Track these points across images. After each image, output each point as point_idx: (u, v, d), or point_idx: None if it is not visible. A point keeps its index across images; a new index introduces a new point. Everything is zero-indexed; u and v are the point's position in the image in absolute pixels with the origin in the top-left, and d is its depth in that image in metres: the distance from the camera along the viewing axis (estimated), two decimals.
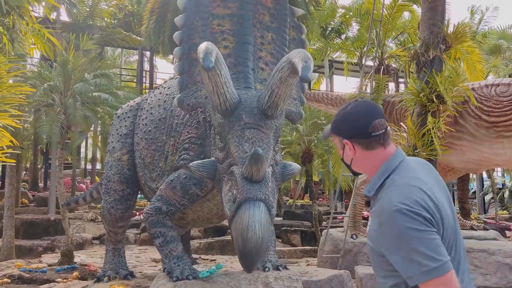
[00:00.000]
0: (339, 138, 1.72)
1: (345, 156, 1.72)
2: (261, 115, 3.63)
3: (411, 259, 1.40)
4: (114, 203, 5.72)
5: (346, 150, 1.69)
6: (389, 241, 1.47)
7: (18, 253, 9.13)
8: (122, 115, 6.00)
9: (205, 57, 2.74)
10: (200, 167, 3.84)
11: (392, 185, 1.55)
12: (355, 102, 1.77)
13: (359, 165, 1.71)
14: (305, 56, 3.03)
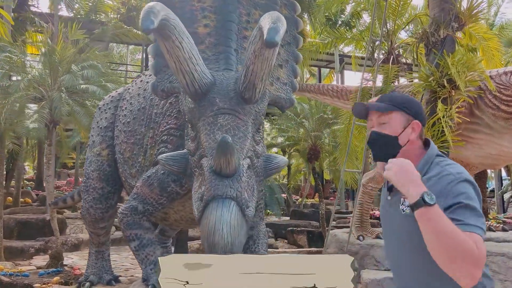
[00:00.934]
0: (407, 116, 1.74)
1: (403, 136, 1.72)
2: (238, 99, 3.11)
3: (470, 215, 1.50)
4: (93, 202, 5.27)
5: (408, 130, 1.72)
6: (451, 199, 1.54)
7: (9, 254, 8.75)
8: (103, 107, 5.54)
9: (145, 16, 2.21)
10: (169, 160, 3.33)
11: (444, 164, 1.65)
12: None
13: (409, 149, 1.72)
14: (275, 17, 2.49)
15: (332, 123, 10.47)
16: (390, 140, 1.73)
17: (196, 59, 2.84)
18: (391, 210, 1.77)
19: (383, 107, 1.75)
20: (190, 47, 2.74)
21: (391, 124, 1.74)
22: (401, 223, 1.70)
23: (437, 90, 4.43)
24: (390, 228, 1.81)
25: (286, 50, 4.21)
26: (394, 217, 1.74)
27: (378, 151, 1.78)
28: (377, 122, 1.76)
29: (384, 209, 1.86)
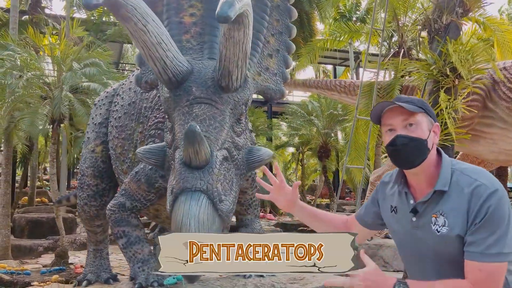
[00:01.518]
0: (430, 119, 1.63)
1: (430, 139, 1.60)
2: (216, 88, 2.95)
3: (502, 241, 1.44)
4: (87, 200, 5.18)
5: (432, 135, 1.62)
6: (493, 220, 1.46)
7: (17, 253, 8.79)
8: (98, 103, 5.46)
9: None
10: (147, 153, 3.20)
11: (468, 172, 1.54)
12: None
13: (432, 153, 1.61)
14: None
15: (342, 120, 10.20)
16: (420, 144, 1.57)
17: (167, 44, 2.69)
18: (418, 232, 1.62)
19: (412, 107, 1.57)
20: (158, 31, 2.59)
21: (419, 126, 1.58)
22: (435, 244, 1.58)
23: (439, 79, 4.17)
24: (418, 250, 1.65)
25: (277, 39, 4.04)
26: (424, 239, 1.61)
27: (406, 157, 1.58)
28: (402, 125, 1.58)
29: (404, 230, 1.68)
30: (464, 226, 1.50)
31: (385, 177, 1.86)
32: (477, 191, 1.49)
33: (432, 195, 1.57)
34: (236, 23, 2.43)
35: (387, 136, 1.63)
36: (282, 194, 1.86)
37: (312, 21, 11.68)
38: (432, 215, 1.57)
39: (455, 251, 1.53)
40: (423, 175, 1.61)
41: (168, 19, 3.74)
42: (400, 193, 1.71)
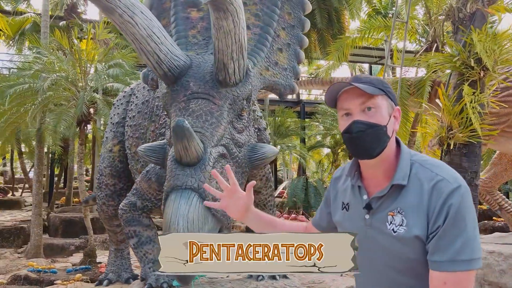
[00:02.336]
0: (390, 102, 1.42)
1: (390, 126, 1.40)
2: (214, 83, 2.84)
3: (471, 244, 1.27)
4: (105, 199, 5.20)
5: (392, 120, 1.42)
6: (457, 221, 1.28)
7: (50, 251, 9.04)
8: (116, 102, 5.48)
9: None
10: (148, 151, 3.13)
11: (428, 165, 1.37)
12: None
13: (392, 141, 1.43)
14: None
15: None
16: (379, 131, 1.37)
17: (159, 38, 2.60)
18: (371, 232, 1.42)
19: (371, 89, 1.37)
20: (148, 24, 2.50)
21: (379, 110, 1.38)
22: (390, 246, 1.38)
23: (463, 72, 3.89)
24: (370, 254, 1.44)
25: (288, 33, 3.91)
26: (377, 239, 1.41)
27: (364, 146, 1.39)
28: (360, 109, 1.38)
29: (355, 229, 1.45)
30: (424, 226, 1.31)
31: (337, 172, 1.66)
32: (438, 187, 1.31)
33: (389, 189, 1.38)
34: (220, 10, 2.31)
35: (342, 121, 1.43)
36: (234, 199, 1.64)
37: (341, 18, 11.38)
38: (388, 212, 1.38)
39: (413, 255, 1.34)
40: (382, 167, 1.42)
41: (176, 15, 3.67)
42: (353, 188, 1.51)
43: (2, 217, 13.47)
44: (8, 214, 14.43)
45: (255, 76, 3.33)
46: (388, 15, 18.98)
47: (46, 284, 6.13)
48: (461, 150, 4.04)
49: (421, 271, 1.34)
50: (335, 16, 11.05)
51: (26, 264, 7.16)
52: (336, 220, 1.58)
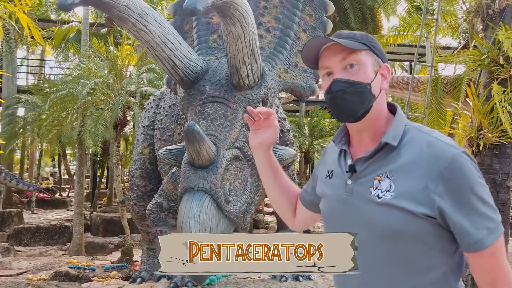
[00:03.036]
0: (376, 58, 1.29)
1: (375, 84, 1.27)
2: (229, 86, 2.90)
3: (482, 214, 1.13)
4: (137, 200, 5.37)
5: (379, 78, 1.28)
6: (457, 194, 1.13)
7: (91, 249, 9.41)
8: (147, 106, 5.66)
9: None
10: (168, 153, 3.22)
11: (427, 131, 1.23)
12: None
13: (380, 102, 1.29)
14: None
15: (412, 119, 9.65)
16: (362, 90, 1.24)
17: (174, 44, 2.68)
18: (352, 200, 1.27)
19: (351, 43, 1.25)
20: (162, 31, 2.58)
21: (362, 67, 1.26)
22: (373, 213, 1.22)
23: (493, 70, 3.75)
24: (350, 222, 1.28)
25: (310, 35, 3.92)
26: (359, 208, 1.25)
27: (346, 106, 1.25)
28: (341, 66, 1.26)
29: (335, 197, 1.33)
30: (418, 195, 1.15)
31: (329, 145, 1.53)
32: (440, 151, 1.16)
33: (376, 148, 1.23)
34: (226, 17, 2.36)
35: (324, 82, 1.30)
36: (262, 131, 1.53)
37: (376, 17, 11.17)
38: (375, 177, 1.22)
39: (399, 226, 1.17)
40: (370, 131, 1.29)
41: (197, 20, 3.76)
42: (339, 154, 1.37)
43: (49, 216, 14.14)
44: (55, 213, 15.14)
45: (273, 78, 3.36)
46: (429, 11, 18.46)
47: (85, 280, 6.40)
48: (491, 151, 3.90)
49: (407, 245, 1.18)
50: (369, 15, 10.88)
51: (68, 261, 7.49)
52: (318, 191, 1.44)
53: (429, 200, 1.14)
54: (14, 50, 12.60)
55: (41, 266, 7.94)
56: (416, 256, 1.19)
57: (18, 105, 13.84)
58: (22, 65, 22.86)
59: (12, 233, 10.41)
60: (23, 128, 14.08)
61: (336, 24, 10.62)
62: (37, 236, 10.29)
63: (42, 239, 10.29)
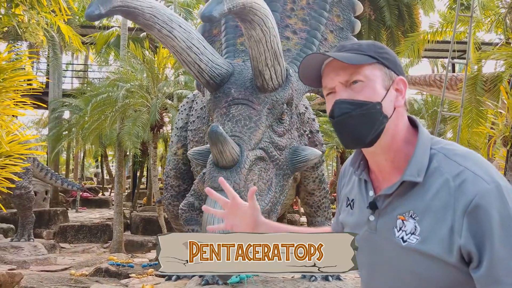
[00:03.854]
0: (387, 71, 1.11)
1: (387, 103, 1.09)
2: (254, 88, 2.97)
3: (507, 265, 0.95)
4: (171, 199, 5.53)
5: (392, 92, 1.10)
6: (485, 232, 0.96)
7: (131, 247, 9.73)
8: (180, 108, 5.82)
9: (93, 2, 2.15)
10: (196, 154, 3.33)
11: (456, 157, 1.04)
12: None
13: (396, 122, 1.11)
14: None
15: (450, 119, 9.38)
16: (370, 111, 1.07)
17: (199, 48, 2.77)
18: (376, 238, 1.15)
19: (354, 57, 1.09)
20: (187, 36, 2.67)
21: (369, 84, 1.09)
22: (398, 257, 1.10)
23: None
24: (373, 265, 1.19)
25: (337, 35, 3.92)
26: (384, 248, 1.14)
27: (351, 132, 1.10)
28: (344, 84, 1.10)
29: (359, 230, 1.21)
30: (445, 239, 1.01)
31: (347, 161, 1.37)
32: (468, 186, 0.99)
33: (398, 187, 1.08)
34: (245, 21, 2.42)
35: (328, 103, 1.14)
36: (239, 214, 1.41)
37: (414, 13, 10.94)
38: (397, 215, 1.08)
39: (427, 273, 1.04)
40: (387, 155, 1.12)
41: (226, 24, 3.85)
42: (359, 181, 1.23)
43: (92, 215, 14.71)
44: (98, 212, 15.73)
45: (299, 80, 3.40)
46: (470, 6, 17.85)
47: (124, 277, 6.63)
48: None
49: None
50: (406, 12, 10.68)
51: (108, 258, 7.79)
52: (341, 219, 1.33)
53: (455, 245, 1.00)
54: (59, 55, 13.18)
55: (84, 262, 8.30)
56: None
57: (64, 108, 14.48)
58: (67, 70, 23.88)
59: (57, 230, 10.92)
60: (68, 131, 14.71)
61: (372, 22, 10.51)
62: (80, 234, 10.75)
63: (85, 236, 10.75)
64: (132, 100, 7.54)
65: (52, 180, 10.40)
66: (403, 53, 9.28)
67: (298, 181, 4.31)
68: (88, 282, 6.14)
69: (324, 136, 12.94)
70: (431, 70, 27.14)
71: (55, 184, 10.90)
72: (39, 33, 3.72)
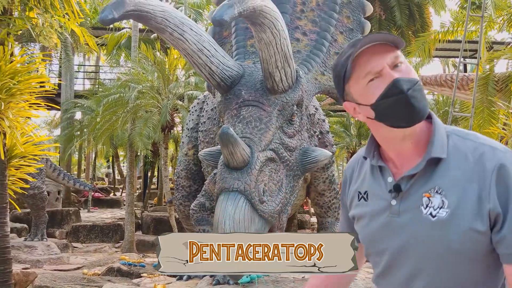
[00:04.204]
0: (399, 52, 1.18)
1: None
2: (264, 90, 2.99)
3: None
4: (182, 200, 5.57)
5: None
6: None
7: (142, 247, 9.82)
8: (191, 109, 5.86)
9: (107, 6, 2.18)
10: (207, 155, 3.35)
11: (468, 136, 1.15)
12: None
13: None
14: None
15: (461, 119, 9.32)
16: (421, 87, 1.15)
17: (209, 51, 2.79)
18: (400, 221, 1.18)
19: (398, 40, 1.16)
20: (198, 39, 2.70)
21: (408, 65, 1.18)
22: (428, 234, 1.13)
23: None
24: (399, 249, 1.20)
25: (347, 37, 3.93)
26: (410, 229, 1.16)
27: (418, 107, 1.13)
28: (391, 66, 1.15)
29: (379, 221, 1.23)
30: (475, 208, 1.07)
31: (349, 164, 1.43)
32: (489, 157, 1.08)
33: (425, 165, 1.13)
34: (256, 24, 2.44)
35: (372, 88, 1.15)
36: None
37: (424, 13, 10.88)
38: (423, 193, 1.13)
39: (459, 244, 1.09)
40: (413, 138, 1.18)
41: (236, 25, 3.88)
42: (373, 171, 1.27)
43: (104, 215, 14.86)
44: (109, 212, 15.89)
45: (309, 81, 3.41)
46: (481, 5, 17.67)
47: (135, 276, 6.70)
48: None
49: (466, 264, 1.11)
50: (416, 11, 10.62)
51: (120, 258, 7.88)
52: (354, 213, 1.34)
53: (485, 211, 1.07)
54: (71, 57, 13.34)
55: (96, 261, 8.40)
56: (476, 274, 1.13)
57: (75, 109, 14.66)
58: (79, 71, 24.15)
59: (70, 230, 11.06)
60: (80, 131, 14.88)
61: (382, 22, 10.48)
62: (92, 234, 10.88)
63: (97, 236, 10.87)
64: (143, 101, 7.62)
65: (65, 181, 10.53)
66: (413, 53, 9.25)
67: (308, 182, 4.32)
68: (101, 281, 6.22)
69: (335, 137, 12.93)
70: (442, 69, 26.93)
71: (68, 184, 11.03)
72: (53, 36, 3.80)
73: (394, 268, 1.22)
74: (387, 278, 1.26)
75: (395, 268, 1.22)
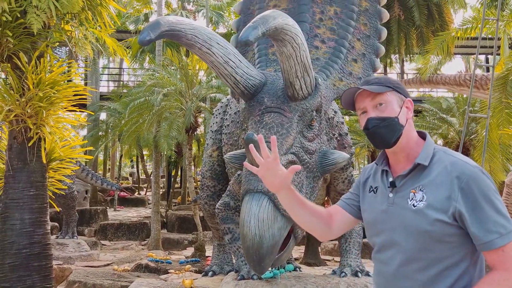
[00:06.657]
0: (399, 95, 1.65)
1: (402, 115, 1.62)
2: (285, 97, 3.20)
3: (495, 221, 1.44)
4: (207, 199, 5.82)
5: (404, 111, 1.64)
6: (474, 203, 1.46)
7: (168, 245, 10.16)
8: (215, 112, 6.09)
9: (144, 29, 2.44)
10: (232, 158, 3.59)
11: (451, 153, 1.56)
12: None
13: (408, 129, 1.64)
14: (259, 17, 2.51)
15: (479, 118, 9.33)
16: (391, 122, 1.60)
17: (235, 62, 3.02)
18: (393, 209, 1.60)
19: (377, 88, 1.63)
20: (224, 52, 2.93)
21: (389, 105, 1.62)
22: (410, 219, 1.54)
23: None
24: (391, 231, 1.61)
25: (364, 43, 4.11)
26: (399, 215, 1.58)
27: (380, 138, 1.61)
28: (372, 106, 1.63)
29: (380, 208, 1.66)
30: (444, 204, 1.48)
31: (369, 165, 1.87)
32: (460, 168, 1.48)
33: (411, 168, 1.57)
34: (277, 40, 2.65)
35: (361, 120, 1.67)
36: (272, 173, 1.72)
37: (444, 12, 10.87)
38: (411, 190, 1.56)
39: (430, 227, 1.49)
40: (403, 153, 1.62)
41: None
42: (382, 173, 1.71)
43: (130, 213, 15.30)
44: (135, 211, 16.33)
45: (328, 87, 3.61)
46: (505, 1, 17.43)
47: (162, 272, 7.01)
48: None
49: (435, 242, 1.50)
50: (436, 11, 10.63)
51: (147, 255, 8.21)
52: (363, 205, 1.77)
53: (452, 207, 1.47)
54: (97, 60, 13.78)
55: (124, 258, 8.76)
56: (442, 251, 1.51)
57: (102, 111, 15.12)
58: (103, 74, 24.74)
59: (98, 228, 11.49)
60: (106, 132, 15.34)
61: (401, 22, 10.53)
62: (119, 232, 11.28)
63: (124, 234, 11.26)
64: (168, 104, 7.91)
65: (93, 181, 10.93)
66: (432, 52, 9.28)
67: (328, 182, 4.51)
68: (130, 277, 6.53)
69: (355, 135, 13.01)
70: (464, 67, 26.60)
71: (95, 184, 11.44)
72: (87, 47, 4.10)
73: (386, 245, 1.63)
74: (381, 252, 1.66)
75: (387, 246, 1.63)
